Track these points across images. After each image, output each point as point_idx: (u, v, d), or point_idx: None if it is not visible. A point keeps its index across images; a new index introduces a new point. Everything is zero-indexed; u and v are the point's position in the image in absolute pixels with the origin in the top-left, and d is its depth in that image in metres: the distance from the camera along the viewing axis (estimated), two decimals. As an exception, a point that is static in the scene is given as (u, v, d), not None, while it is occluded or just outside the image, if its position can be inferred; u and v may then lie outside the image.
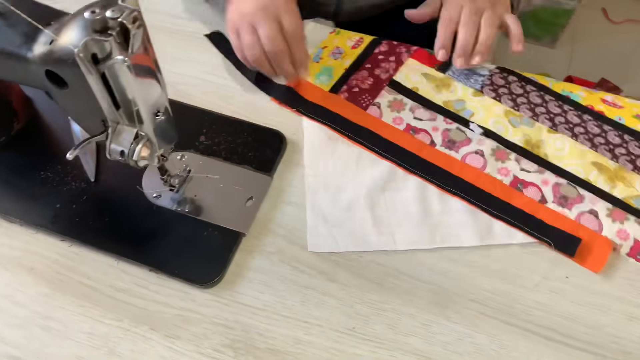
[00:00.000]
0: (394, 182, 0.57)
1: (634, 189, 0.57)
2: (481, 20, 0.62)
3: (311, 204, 0.56)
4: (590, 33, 1.89)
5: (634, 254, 0.53)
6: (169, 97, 0.62)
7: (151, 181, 0.56)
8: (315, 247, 0.53)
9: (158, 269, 0.51)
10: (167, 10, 0.74)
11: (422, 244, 0.53)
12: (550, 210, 0.55)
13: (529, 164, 0.59)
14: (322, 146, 0.60)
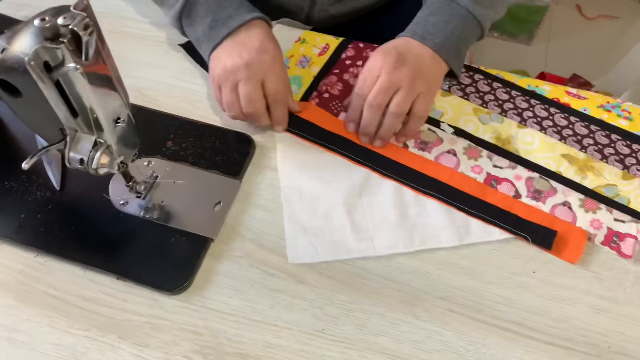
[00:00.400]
0: (370, 187, 0.57)
1: (603, 177, 0.58)
2: (392, 100, 0.57)
3: (288, 214, 0.55)
4: (565, 29, 1.91)
5: (608, 242, 0.54)
6: (135, 103, 0.63)
7: (118, 188, 0.56)
8: (294, 258, 0.53)
9: (125, 277, 0.51)
10: (134, 16, 0.73)
11: (401, 248, 0.53)
12: (525, 205, 0.56)
13: (500, 160, 0.59)
14: (296, 155, 0.60)
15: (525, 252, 0.53)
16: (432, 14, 0.61)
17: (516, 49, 1.87)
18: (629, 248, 0.53)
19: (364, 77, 0.59)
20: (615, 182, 0.58)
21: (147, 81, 0.66)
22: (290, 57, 0.68)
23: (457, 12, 0.61)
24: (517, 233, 0.54)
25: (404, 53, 0.58)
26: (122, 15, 0.73)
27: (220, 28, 0.59)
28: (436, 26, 0.60)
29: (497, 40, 1.89)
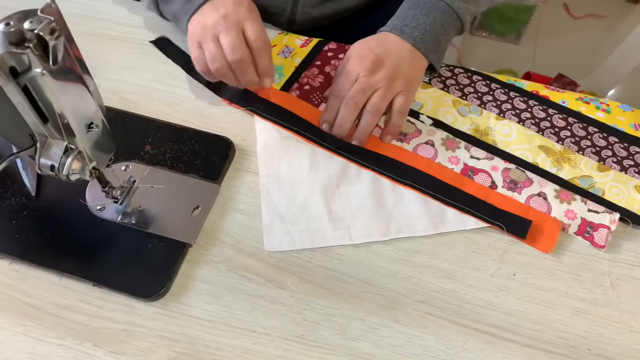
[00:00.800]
0: (348, 176, 0.58)
1: (579, 169, 0.58)
2: (369, 100, 0.58)
3: (266, 203, 0.55)
4: (553, 29, 1.92)
5: (581, 233, 0.54)
6: (114, 107, 0.62)
7: (95, 193, 0.55)
8: (271, 246, 0.53)
9: (101, 284, 0.50)
10: (112, 18, 0.72)
11: (377, 236, 0.54)
12: (501, 195, 0.56)
13: (478, 151, 0.60)
14: (275, 145, 0.60)
15: (506, 255, 0.53)
16: (411, 7, 0.61)
17: (504, 49, 1.87)
18: (602, 238, 0.53)
19: (340, 79, 0.59)
20: (590, 174, 0.58)
21: (126, 84, 0.65)
22: (273, 47, 0.68)
23: (437, 6, 0.61)
24: (492, 222, 0.54)
25: (382, 54, 0.58)
26: (100, 17, 0.72)
27: None
28: (415, 19, 0.60)
29: (485, 39, 1.89)
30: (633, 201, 0.56)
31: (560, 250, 0.53)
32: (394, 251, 0.53)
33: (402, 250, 0.53)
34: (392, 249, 0.53)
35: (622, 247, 0.54)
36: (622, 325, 0.49)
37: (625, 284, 0.51)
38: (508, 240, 0.54)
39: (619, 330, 0.49)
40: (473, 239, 0.54)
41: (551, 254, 0.53)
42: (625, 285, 0.51)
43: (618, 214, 0.55)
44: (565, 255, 0.53)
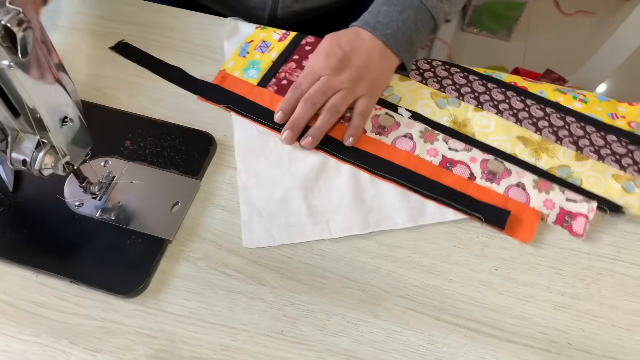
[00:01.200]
0: (327, 171, 0.57)
1: (557, 159, 0.58)
2: (329, 99, 0.57)
3: (244, 199, 0.55)
4: (543, 25, 1.92)
5: (560, 222, 0.54)
6: (95, 102, 0.62)
7: (73, 189, 0.54)
8: (249, 242, 0.52)
9: (79, 280, 0.50)
10: (94, 12, 0.72)
11: (356, 229, 0.53)
12: (479, 187, 0.56)
13: (456, 143, 0.60)
14: (253, 141, 0.59)
15: (487, 250, 0.53)
16: (385, 4, 0.61)
17: (495, 45, 1.87)
18: (580, 227, 0.54)
19: (304, 74, 0.58)
20: (568, 164, 0.58)
21: (108, 79, 0.65)
22: (250, 42, 0.68)
23: (411, 4, 0.60)
24: (471, 213, 0.54)
25: (350, 53, 0.58)
26: (82, 11, 0.72)
27: None
28: (388, 16, 0.60)
29: (476, 36, 1.89)
30: (610, 190, 0.56)
31: (542, 245, 0.53)
32: (375, 246, 0.53)
33: (384, 246, 0.53)
34: (374, 245, 0.53)
35: (603, 241, 0.53)
36: (603, 320, 0.49)
37: (607, 278, 0.51)
38: (490, 235, 0.54)
39: (600, 325, 0.49)
40: (455, 233, 0.54)
41: (533, 248, 0.53)
42: (607, 280, 0.51)
43: (596, 202, 0.55)
44: (547, 250, 0.53)
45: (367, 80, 0.58)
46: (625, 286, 0.51)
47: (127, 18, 0.71)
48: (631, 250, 0.53)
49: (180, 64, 0.66)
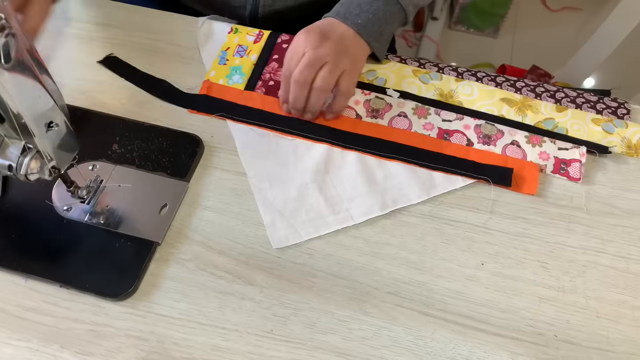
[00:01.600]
0: (334, 160, 0.59)
1: (540, 113, 0.63)
2: (317, 75, 0.57)
3: (261, 203, 0.55)
4: (530, 22, 1.94)
5: (557, 170, 0.58)
6: (81, 106, 0.62)
7: (61, 194, 0.55)
8: (278, 243, 0.53)
9: (69, 285, 0.50)
10: (78, 16, 0.72)
11: (377, 211, 0.55)
12: (479, 151, 0.59)
13: (448, 114, 0.62)
14: (255, 145, 0.60)
15: (474, 245, 0.53)
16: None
17: (483, 42, 1.88)
18: (576, 172, 0.58)
19: (289, 57, 0.59)
20: (552, 116, 0.62)
21: (93, 83, 0.65)
22: (227, 50, 0.68)
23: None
24: (477, 177, 0.57)
25: (327, 32, 0.59)
26: (67, 16, 0.71)
27: None
28: (359, 7, 0.61)
29: (463, 33, 1.90)
30: (593, 133, 0.61)
31: (528, 239, 0.54)
32: (363, 244, 0.53)
33: (372, 243, 0.53)
34: (362, 242, 0.53)
35: (588, 234, 0.54)
36: (589, 312, 0.50)
37: (592, 270, 0.52)
38: (476, 230, 0.54)
39: (585, 317, 0.49)
40: (441, 229, 0.54)
41: (519, 242, 0.53)
42: (592, 272, 0.52)
43: (584, 147, 0.59)
44: (532, 244, 0.53)
45: (348, 55, 0.59)
46: (610, 278, 0.52)
47: (113, 22, 0.71)
48: (616, 242, 0.54)
49: (166, 67, 0.66)
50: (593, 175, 0.58)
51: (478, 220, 0.55)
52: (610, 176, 0.58)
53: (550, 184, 0.57)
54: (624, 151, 0.60)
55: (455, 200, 0.56)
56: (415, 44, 1.74)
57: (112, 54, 0.67)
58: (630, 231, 0.55)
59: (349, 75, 0.59)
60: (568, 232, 0.54)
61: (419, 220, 0.55)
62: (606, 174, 0.58)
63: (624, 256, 0.53)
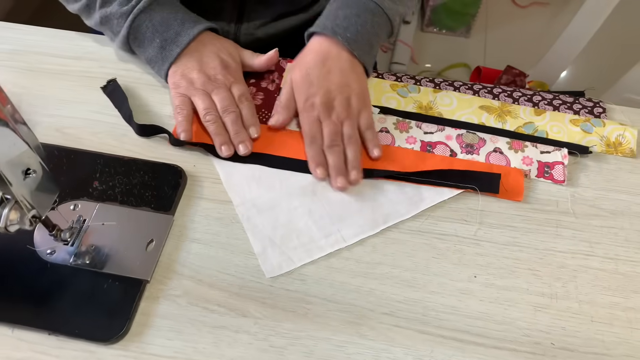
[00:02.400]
0: (321, 182, 0.58)
1: (520, 118, 0.63)
2: (343, 133, 0.59)
3: (252, 231, 0.55)
4: (501, 19, 1.96)
5: (542, 174, 0.59)
6: (56, 144, 0.60)
7: (44, 237, 0.53)
8: (271, 272, 0.52)
9: (57, 332, 0.48)
10: (49, 51, 0.70)
11: (369, 230, 0.55)
12: (463, 161, 0.59)
13: (429, 126, 0.62)
14: (239, 173, 0.59)
15: (465, 257, 0.53)
16: (341, 8, 0.62)
17: (456, 43, 1.90)
18: (560, 174, 0.58)
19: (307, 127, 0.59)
20: (531, 120, 0.63)
21: (68, 119, 0.63)
22: None
23: (366, 6, 0.61)
24: (464, 187, 0.57)
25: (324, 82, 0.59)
26: (37, 51, 0.70)
27: (172, 47, 0.62)
28: (347, 20, 0.61)
29: (436, 35, 1.92)
30: (573, 134, 0.62)
31: (518, 248, 0.54)
32: (355, 265, 0.53)
33: (364, 264, 0.53)
34: (354, 264, 0.53)
35: (576, 238, 0.55)
36: (583, 317, 0.50)
37: (582, 274, 0.52)
38: (466, 243, 0.54)
39: (580, 322, 0.50)
40: (431, 244, 0.54)
41: (508, 251, 0.54)
42: (583, 276, 0.52)
43: (566, 149, 0.60)
44: (522, 252, 0.54)
45: (354, 96, 0.60)
46: (600, 281, 0.52)
47: (85, 54, 0.70)
48: (603, 244, 0.54)
49: (144, 96, 0.65)
50: (576, 178, 0.59)
51: (467, 232, 0.55)
52: (592, 177, 0.59)
53: (535, 189, 0.58)
54: (604, 150, 0.61)
55: (443, 213, 0.56)
56: (390, 48, 1.75)
57: (115, 79, 0.66)
58: (616, 231, 0.55)
59: (364, 110, 0.60)
60: (556, 237, 0.55)
61: (409, 237, 0.55)
62: (588, 176, 0.59)
63: (612, 257, 0.53)
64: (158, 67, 0.63)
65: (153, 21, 0.62)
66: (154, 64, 0.63)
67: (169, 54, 0.62)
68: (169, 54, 0.62)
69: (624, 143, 0.61)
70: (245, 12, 0.73)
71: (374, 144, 0.60)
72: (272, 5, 0.73)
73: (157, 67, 0.63)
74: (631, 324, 0.50)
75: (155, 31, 0.62)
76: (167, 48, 0.62)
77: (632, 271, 0.53)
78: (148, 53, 0.63)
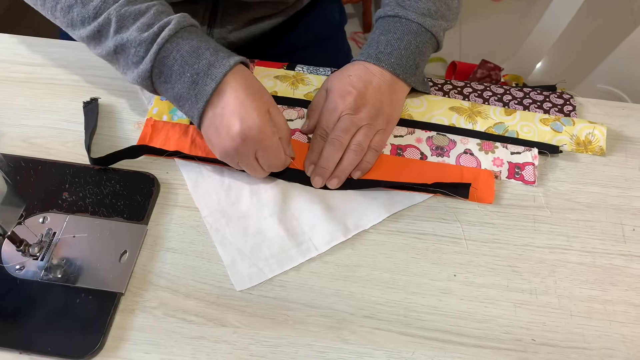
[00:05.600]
0: (291, 190, 0.57)
1: (490, 119, 0.63)
2: (353, 138, 0.57)
3: (219, 242, 0.53)
4: (475, 13, 1.97)
5: (512, 175, 0.58)
6: (23, 155, 0.59)
7: (11, 253, 0.51)
8: (241, 285, 0.51)
9: (29, 350, 0.47)
10: (13, 58, 0.68)
11: (340, 237, 0.54)
12: (433, 164, 0.59)
13: (399, 129, 0.62)
14: (207, 182, 0.57)
15: (443, 257, 0.53)
16: (383, 33, 0.60)
17: (431, 38, 1.91)
18: (530, 175, 0.58)
19: (325, 120, 0.58)
20: (501, 120, 0.62)
21: (35, 128, 0.61)
22: None
23: (408, 29, 0.60)
24: (435, 191, 0.57)
25: (363, 90, 0.58)
26: (2, 59, 0.68)
27: (205, 80, 0.50)
28: (389, 45, 0.59)
29: (412, 30, 1.92)
30: (543, 133, 0.61)
31: (496, 245, 0.54)
32: (335, 269, 0.52)
33: (343, 267, 0.52)
34: (333, 267, 0.52)
35: (553, 232, 0.55)
36: (562, 311, 0.50)
37: (561, 269, 0.53)
38: (445, 241, 0.54)
39: (559, 317, 0.50)
40: (410, 244, 0.54)
41: (487, 249, 0.54)
42: (561, 270, 0.52)
43: (536, 149, 0.59)
44: (501, 249, 0.54)
45: (383, 115, 0.59)
46: (578, 274, 0.52)
47: (52, 61, 0.68)
48: (580, 238, 0.54)
49: (113, 101, 0.64)
50: (551, 174, 0.59)
51: (445, 230, 0.55)
52: (567, 171, 0.59)
53: (511, 185, 0.58)
54: (574, 148, 0.61)
55: (421, 212, 0.56)
56: (366, 45, 1.74)
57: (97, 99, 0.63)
58: (593, 224, 0.56)
59: (383, 133, 0.59)
60: (534, 232, 0.55)
61: (387, 237, 0.54)
62: (564, 170, 0.59)
63: (589, 251, 0.54)
64: (189, 107, 0.52)
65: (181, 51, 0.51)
66: (185, 102, 0.52)
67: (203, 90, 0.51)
68: (202, 90, 0.51)
69: (594, 141, 0.61)
70: (217, 17, 0.71)
71: (364, 167, 0.58)
72: (246, 10, 0.72)
73: (188, 106, 0.52)
74: (609, 317, 0.50)
75: (184, 62, 0.51)
76: (199, 83, 0.51)
77: (608, 263, 0.53)
78: (177, 89, 0.51)
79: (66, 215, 0.54)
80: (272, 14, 0.74)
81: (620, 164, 0.60)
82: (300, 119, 0.62)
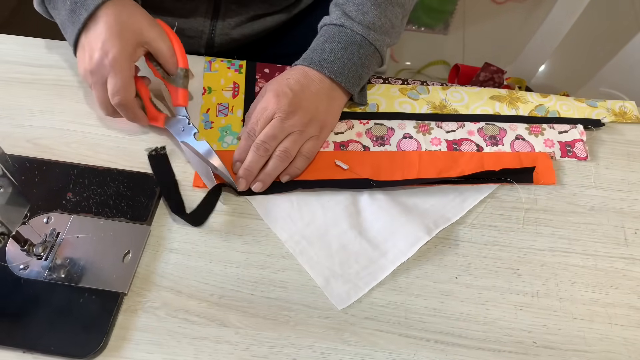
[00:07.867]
0: (362, 201, 0.57)
1: (530, 102, 0.65)
2: (280, 143, 0.56)
3: (308, 264, 0.52)
4: (479, 16, 1.97)
5: (565, 154, 0.60)
6: (27, 155, 0.59)
7: (15, 252, 0.52)
8: (342, 303, 0.50)
9: (32, 350, 0.47)
10: (19, 60, 0.68)
11: (424, 238, 0.53)
12: (491, 154, 0.60)
13: (449, 124, 0.63)
14: (276, 206, 0.56)
15: (445, 259, 0.53)
16: (327, 41, 0.60)
17: (434, 40, 1.91)
18: (582, 151, 0.60)
19: (255, 119, 0.57)
20: (540, 102, 0.64)
21: (40, 129, 0.62)
22: (208, 112, 0.63)
23: (352, 39, 0.60)
24: (501, 180, 0.57)
25: (300, 94, 0.57)
26: (6, 60, 0.68)
27: (81, 10, 0.55)
28: (333, 53, 0.59)
29: (415, 32, 1.92)
30: (581, 110, 0.63)
31: (498, 247, 0.54)
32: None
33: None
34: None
35: (555, 235, 0.55)
36: (563, 314, 0.50)
37: (562, 272, 0.53)
38: (446, 243, 0.54)
39: (560, 319, 0.50)
40: (413, 247, 0.54)
41: (489, 251, 0.54)
42: (563, 273, 0.53)
43: (581, 125, 0.62)
44: (503, 251, 0.54)
45: (317, 122, 0.58)
46: (580, 277, 0.52)
47: (57, 62, 0.68)
48: (582, 241, 0.55)
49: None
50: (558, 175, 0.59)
51: (447, 232, 0.55)
52: (569, 174, 0.59)
53: (516, 189, 0.58)
54: (614, 119, 0.63)
55: (423, 215, 0.56)
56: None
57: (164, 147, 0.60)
58: (594, 227, 0.56)
59: (315, 139, 0.58)
60: (536, 235, 0.55)
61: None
62: (566, 173, 0.59)
63: (591, 254, 0.54)
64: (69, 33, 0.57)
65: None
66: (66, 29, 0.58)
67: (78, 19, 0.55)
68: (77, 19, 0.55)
69: (628, 112, 0.63)
70: (220, 11, 0.72)
71: (292, 172, 0.57)
72: (247, 6, 0.72)
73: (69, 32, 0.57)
74: (611, 320, 0.50)
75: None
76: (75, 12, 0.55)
77: (610, 267, 0.53)
78: (61, 16, 0.57)
79: (70, 216, 0.54)
80: (274, 11, 0.75)
81: (622, 167, 0.60)
82: (349, 129, 0.62)
